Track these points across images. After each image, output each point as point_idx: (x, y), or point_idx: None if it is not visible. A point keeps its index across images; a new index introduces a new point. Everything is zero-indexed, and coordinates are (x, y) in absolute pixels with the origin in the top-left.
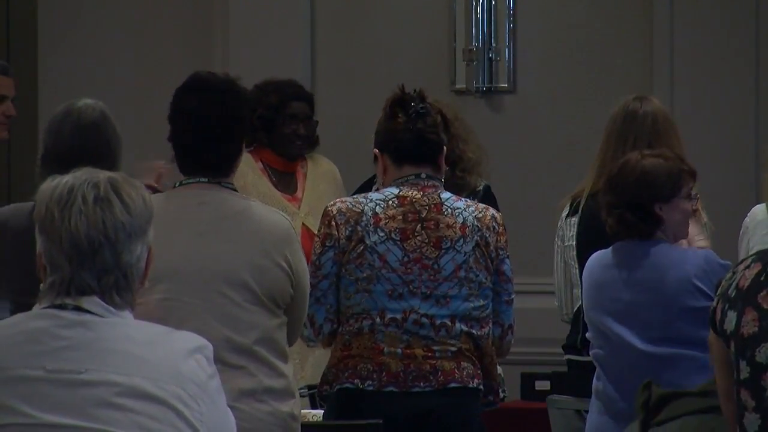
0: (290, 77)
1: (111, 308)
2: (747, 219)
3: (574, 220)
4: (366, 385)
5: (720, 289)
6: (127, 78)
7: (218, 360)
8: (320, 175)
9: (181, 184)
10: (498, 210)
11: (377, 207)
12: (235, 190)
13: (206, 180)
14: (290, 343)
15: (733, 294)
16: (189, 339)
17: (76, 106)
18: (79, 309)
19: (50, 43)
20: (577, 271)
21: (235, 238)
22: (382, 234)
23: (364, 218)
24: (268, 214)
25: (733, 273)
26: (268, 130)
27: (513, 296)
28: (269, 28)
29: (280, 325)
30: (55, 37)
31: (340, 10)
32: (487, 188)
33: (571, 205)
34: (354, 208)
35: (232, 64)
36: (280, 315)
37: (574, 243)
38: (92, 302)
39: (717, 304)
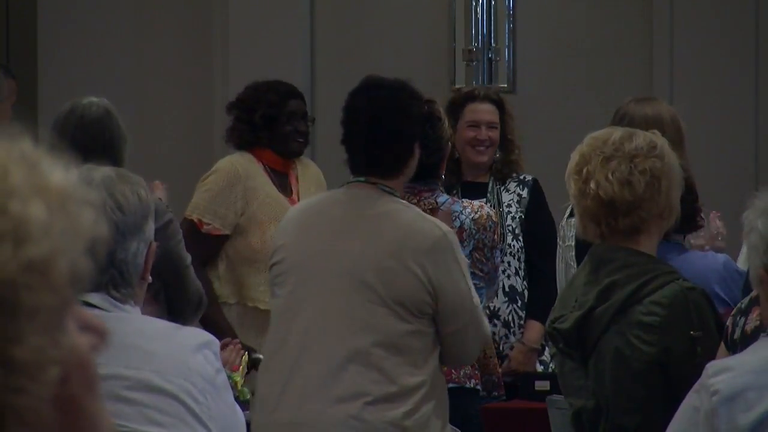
0: (290, 77)
1: (117, 303)
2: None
3: (574, 220)
4: None
5: (735, 309)
6: (127, 77)
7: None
8: (309, 178)
9: (346, 184)
10: (546, 203)
11: None
12: (394, 195)
13: (364, 180)
14: (451, 357)
15: (744, 305)
16: (196, 334)
17: (81, 103)
18: (86, 304)
19: (50, 43)
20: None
21: (365, 238)
22: None
23: None
24: (417, 221)
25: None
26: (270, 128)
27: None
28: (269, 28)
29: (411, 333)
30: (55, 37)
31: (340, 10)
32: (536, 181)
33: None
34: None
35: (232, 64)
36: (413, 322)
37: (574, 243)
38: (98, 297)
39: (729, 322)
